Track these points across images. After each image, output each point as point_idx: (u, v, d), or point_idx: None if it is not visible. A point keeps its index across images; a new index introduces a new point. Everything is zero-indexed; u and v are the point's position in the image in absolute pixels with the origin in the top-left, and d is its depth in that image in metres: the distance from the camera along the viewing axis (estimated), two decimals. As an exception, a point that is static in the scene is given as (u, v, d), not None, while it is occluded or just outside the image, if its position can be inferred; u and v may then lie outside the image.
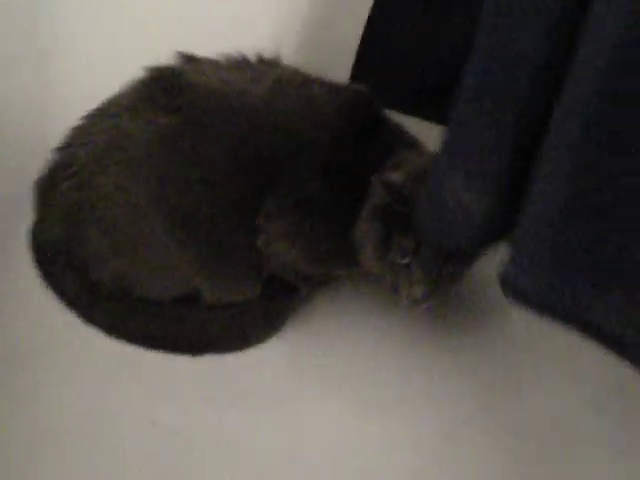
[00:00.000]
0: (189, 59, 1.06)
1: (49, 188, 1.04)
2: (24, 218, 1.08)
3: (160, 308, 1.04)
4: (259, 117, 1.00)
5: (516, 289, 0.70)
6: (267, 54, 1.08)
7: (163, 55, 1.05)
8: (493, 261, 0.79)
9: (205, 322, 1.05)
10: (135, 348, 1.02)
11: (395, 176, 0.96)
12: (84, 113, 1.05)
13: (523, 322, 1.09)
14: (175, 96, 1.00)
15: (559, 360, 1.08)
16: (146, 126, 0.99)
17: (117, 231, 0.99)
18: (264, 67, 1.06)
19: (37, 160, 1.05)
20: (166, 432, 0.94)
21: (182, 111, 0.99)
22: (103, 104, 1.05)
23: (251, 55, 1.07)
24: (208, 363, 1.02)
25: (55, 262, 1.04)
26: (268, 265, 1.04)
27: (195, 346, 1.03)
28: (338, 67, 1.20)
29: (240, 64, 1.06)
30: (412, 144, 1.06)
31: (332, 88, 1.07)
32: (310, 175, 1.00)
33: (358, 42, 1.21)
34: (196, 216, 0.98)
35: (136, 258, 1.01)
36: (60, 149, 1.05)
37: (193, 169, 0.98)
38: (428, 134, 1.08)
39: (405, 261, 0.94)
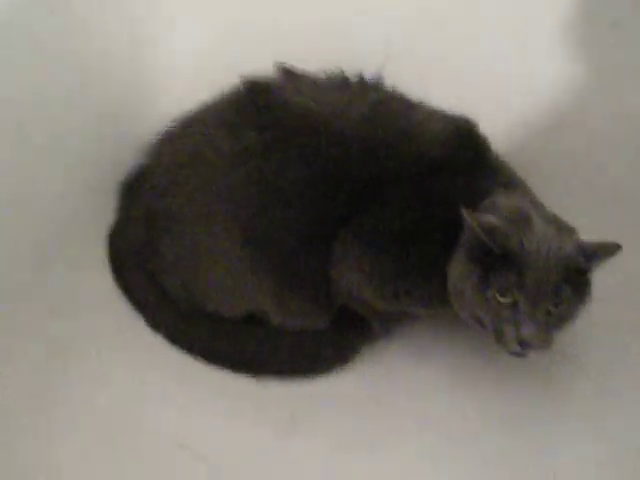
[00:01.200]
0: (288, 74, 1.04)
1: (133, 191, 1.04)
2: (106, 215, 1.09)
3: (226, 325, 1.01)
4: (352, 141, 0.96)
5: None
6: (369, 74, 1.04)
7: (263, 63, 1.02)
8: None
9: (271, 344, 1.01)
10: (198, 363, 1.00)
11: (491, 218, 0.89)
12: (178, 117, 1.04)
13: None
14: (268, 113, 0.97)
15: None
16: (233, 140, 0.96)
17: (186, 243, 0.97)
18: (364, 88, 1.02)
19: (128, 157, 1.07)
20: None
21: (272, 129, 0.96)
22: (196, 111, 1.04)
23: (352, 74, 1.03)
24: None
25: (129, 265, 1.04)
26: (341, 296, 0.99)
27: (258, 367, 0.99)
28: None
29: (340, 84, 1.02)
30: (510, 183, 0.99)
31: (436, 116, 1.02)
32: (397, 205, 0.95)
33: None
34: (271, 236, 0.95)
35: (203, 271, 0.98)
36: (149, 153, 1.04)
37: (275, 189, 0.94)
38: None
39: (507, 299, 0.86)
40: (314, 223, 0.95)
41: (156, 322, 1.01)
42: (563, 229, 0.91)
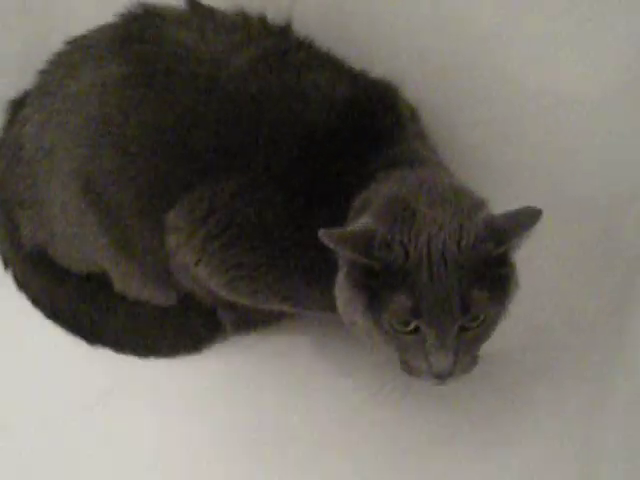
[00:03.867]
0: (193, 5, 0.85)
1: (16, 113, 0.94)
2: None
3: (72, 280, 0.91)
4: (219, 94, 0.79)
5: None
6: (276, 19, 0.84)
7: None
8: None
9: (109, 311, 0.90)
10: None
11: (366, 223, 0.69)
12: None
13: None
14: (137, 45, 0.82)
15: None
16: (95, 71, 0.83)
17: (37, 181, 0.87)
18: (264, 32, 0.83)
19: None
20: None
21: (135, 64, 0.81)
22: (91, 32, 0.89)
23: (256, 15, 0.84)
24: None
25: None
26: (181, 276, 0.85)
27: (93, 334, 0.90)
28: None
29: (235, 25, 0.83)
30: (409, 160, 0.78)
31: (345, 78, 0.82)
32: (248, 180, 0.77)
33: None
34: (108, 189, 0.81)
35: (48, 216, 0.88)
36: (41, 72, 0.92)
37: (117, 133, 0.80)
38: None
39: (411, 326, 0.68)
40: (157, 182, 0.80)
41: (7, 261, 0.95)
42: (464, 208, 0.70)
